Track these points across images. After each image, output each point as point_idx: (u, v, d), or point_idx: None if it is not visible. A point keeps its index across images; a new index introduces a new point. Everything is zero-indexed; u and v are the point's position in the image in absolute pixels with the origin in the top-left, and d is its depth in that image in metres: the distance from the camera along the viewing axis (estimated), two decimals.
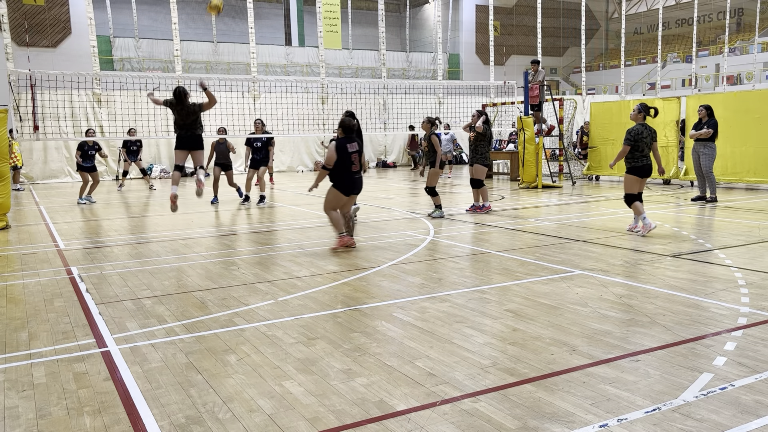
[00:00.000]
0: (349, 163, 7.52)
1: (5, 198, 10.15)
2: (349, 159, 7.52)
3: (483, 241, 8.18)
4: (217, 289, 5.82)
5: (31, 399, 3.45)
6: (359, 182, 7.74)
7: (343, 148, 7.51)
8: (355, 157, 7.56)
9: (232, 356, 4.03)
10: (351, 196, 7.72)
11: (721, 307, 4.84)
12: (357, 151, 7.61)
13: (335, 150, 7.46)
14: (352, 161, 7.54)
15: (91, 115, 21.46)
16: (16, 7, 28.60)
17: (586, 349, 3.98)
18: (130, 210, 12.69)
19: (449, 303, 5.16)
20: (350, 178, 7.59)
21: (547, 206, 11.82)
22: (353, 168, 7.56)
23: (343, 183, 7.58)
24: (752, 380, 3.43)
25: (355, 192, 7.74)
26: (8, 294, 5.85)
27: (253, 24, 22.44)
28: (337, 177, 7.57)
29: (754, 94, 14.53)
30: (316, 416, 3.14)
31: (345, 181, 7.57)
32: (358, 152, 7.63)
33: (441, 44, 27.26)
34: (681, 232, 8.35)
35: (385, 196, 14.38)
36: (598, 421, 3.01)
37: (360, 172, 7.70)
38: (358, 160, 7.62)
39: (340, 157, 7.48)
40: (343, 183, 7.58)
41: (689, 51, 37.60)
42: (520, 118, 15.19)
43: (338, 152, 7.48)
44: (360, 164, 7.68)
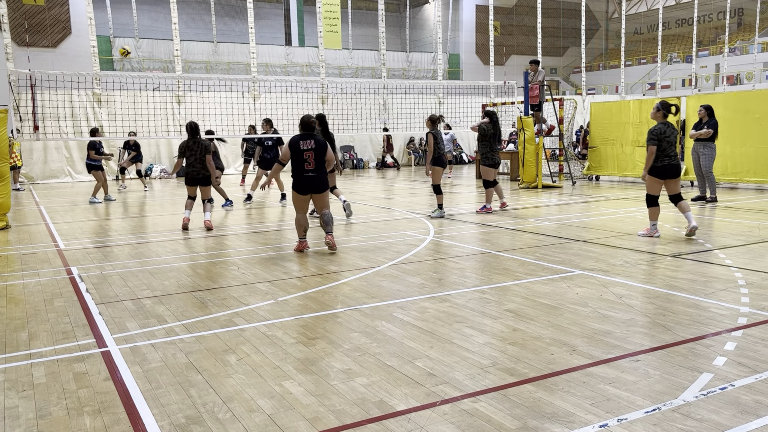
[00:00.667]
0: (302, 161, 7.36)
1: (5, 198, 10.15)
2: (302, 157, 7.35)
3: (483, 241, 8.18)
4: (217, 289, 5.83)
5: (31, 399, 3.45)
6: (311, 181, 7.46)
7: (295, 145, 7.36)
8: (309, 155, 7.36)
9: (232, 356, 4.03)
10: (311, 195, 7.53)
11: (721, 307, 4.84)
12: (311, 149, 7.37)
13: (288, 146, 7.41)
14: (305, 159, 7.35)
15: (91, 115, 21.46)
16: (16, 7, 28.60)
17: (586, 349, 3.98)
18: (129, 210, 12.69)
19: (449, 303, 5.16)
20: (300, 176, 7.43)
21: (547, 206, 11.82)
22: (306, 167, 7.38)
23: (295, 181, 7.49)
24: (752, 380, 3.43)
25: (313, 191, 7.50)
26: (8, 294, 5.85)
27: (253, 24, 22.45)
28: (293, 176, 7.49)
29: (754, 94, 14.54)
30: (316, 416, 3.14)
31: (297, 180, 7.47)
32: (313, 150, 7.37)
33: (441, 44, 27.26)
34: (681, 232, 8.35)
35: (385, 196, 14.38)
36: (598, 421, 3.01)
37: (316, 171, 7.42)
38: (314, 159, 7.38)
39: (293, 154, 7.38)
40: (295, 181, 7.49)
41: (689, 51, 37.61)
42: (520, 118, 15.19)
43: (291, 149, 7.39)
44: (318, 163, 7.41)
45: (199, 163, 9.66)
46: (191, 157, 9.65)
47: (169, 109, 21.78)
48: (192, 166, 9.68)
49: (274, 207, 12.76)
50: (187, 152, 9.66)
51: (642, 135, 15.51)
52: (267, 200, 14.03)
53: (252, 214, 11.67)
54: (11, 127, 16.67)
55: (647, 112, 15.36)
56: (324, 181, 7.55)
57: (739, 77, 35.70)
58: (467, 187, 16.30)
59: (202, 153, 9.65)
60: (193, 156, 9.63)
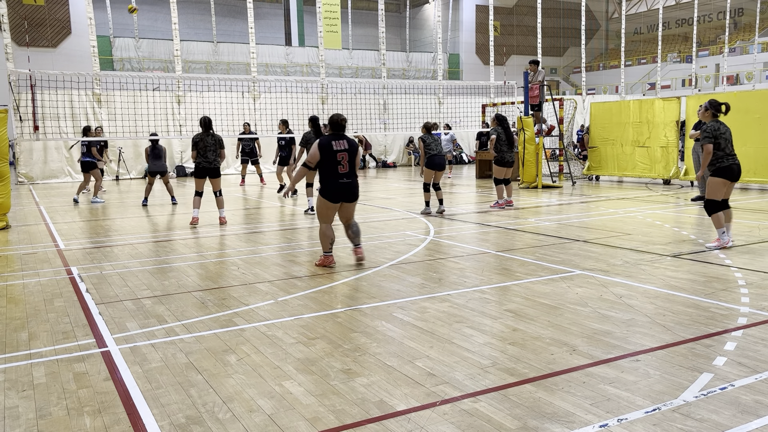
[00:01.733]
0: (335, 164, 6.46)
1: (5, 198, 10.15)
2: (335, 159, 6.45)
3: (483, 241, 8.18)
4: (217, 289, 5.82)
5: (31, 399, 3.45)
6: (347, 188, 6.55)
7: (327, 146, 6.45)
8: (342, 157, 6.47)
9: (232, 356, 4.03)
10: (342, 204, 6.65)
11: (721, 307, 4.84)
12: (345, 150, 6.51)
13: (318, 148, 6.46)
14: (339, 161, 6.46)
15: (91, 115, 21.45)
16: (16, 7, 28.60)
17: (586, 349, 3.98)
18: (129, 210, 12.69)
19: (449, 303, 5.16)
20: (335, 182, 6.48)
21: (547, 206, 11.82)
22: (340, 170, 6.47)
23: (327, 188, 6.52)
24: (752, 380, 3.43)
25: (346, 199, 6.61)
26: (8, 294, 5.85)
27: (253, 24, 22.43)
28: (322, 181, 6.56)
29: (754, 94, 14.53)
30: (316, 416, 3.14)
31: (330, 186, 6.50)
32: (347, 152, 6.52)
33: (441, 44, 27.25)
34: (681, 232, 8.35)
35: (385, 196, 14.38)
36: (598, 421, 3.01)
37: (351, 176, 6.57)
38: (347, 162, 6.52)
39: (324, 157, 6.45)
40: (327, 188, 6.52)
41: (689, 51, 37.60)
42: (520, 118, 15.19)
43: (322, 151, 6.44)
44: (351, 167, 6.56)
45: (212, 153, 9.90)
46: (204, 148, 9.86)
47: (169, 109, 21.77)
48: (204, 157, 9.87)
49: (274, 207, 12.76)
50: (201, 144, 9.85)
51: (642, 135, 15.52)
52: (267, 200, 14.03)
53: (252, 214, 11.67)
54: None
55: (647, 112, 15.37)
56: (358, 187, 6.72)
57: (739, 77, 35.70)
58: (467, 187, 16.30)
59: (216, 146, 9.93)
60: (206, 147, 9.87)
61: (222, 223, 10.02)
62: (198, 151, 9.90)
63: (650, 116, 15.29)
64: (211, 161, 9.92)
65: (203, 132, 9.92)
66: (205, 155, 9.89)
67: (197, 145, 9.89)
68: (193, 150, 9.96)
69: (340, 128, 6.64)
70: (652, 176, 15.47)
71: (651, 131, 15.29)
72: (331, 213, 6.66)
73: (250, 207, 12.76)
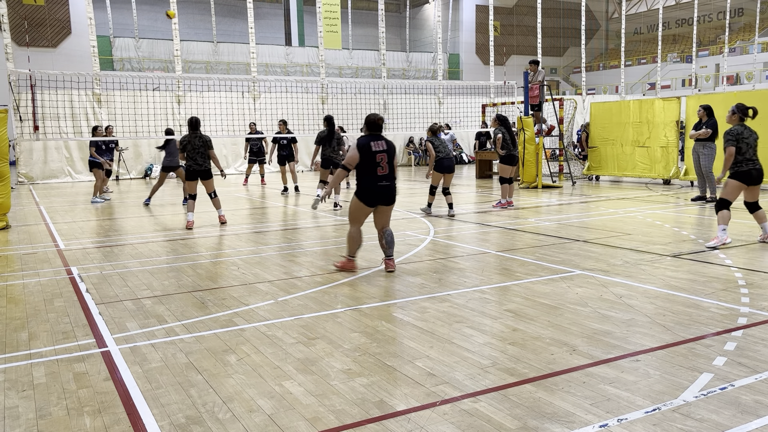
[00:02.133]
0: (374, 165, 6.20)
1: (5, 198, 10.15)
2: (374, 160, 6.19)
3: (483, 241, 8.17)
4: (217, 289, 5.83)
5: (31, 399, 3.45)
6: (386, 191, 6.29)
7: (366, 146, 6.21)
8: (381, 158, 6.23)
9: (232, 356, 4.03)
10: (378, 207, 6.37)
11: (721, 307, 4.84)
12: (384, 150, 6.27)
13: (357, 149, 6.23)
14: (378, 162, 6.20)
15: (91, 115, 21.45)
16: (16, 7, 28.60)
17: (586, 349, 3.98)
18: (129, 210, 12.69)
19: (449, 303, 5.17)
20: (374, 184, 6.23)
21: (547, 206, 11.82)
22: (379, 172, 6.22)
23: (364, 190, 6.27)
24: (752, 380, 3.43)
25: (383, 202, 6.33)
26: (8, 294, 5.85)
27: (253, 24, 22.44)
28: (360, 183, 6.32)
29: (754, 94, 14.53)
30: (316, 416, 3.14)
31: (367, 188, 6.25)
32: (385, 152, 6.28)
33: (441, 44, 27.26)
34: (681, 232, 8.35)
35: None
36: (598, 421, 3.01)
37: (390, 178, 6.31)
38: (387, 163, 6.27)
39: (363, 158, 6.20)
40: (364, 190, 6.27)
41: (689, 51, 37.61)
42: (520, 118, 15.19)
43: (361, 151, 6.20)
44: (390, 168, 6.31)
45: (201, 156, 9.70)
46: (192, 151, 9.68)
47: (169, 109, 21.78)
48: (193, 160, 9.69)
49: (274, 207, 12.76)
50: (189, 146, 9.69)
51: (642, 135, 15.52)
52: (267, 200, 14.03)
53: (253, 214, 11.67)
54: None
55: (647, 112, 15.38)
56: (396, 190, 6.47)
57: (739, 77, 35.70)
58: (467, 187, 16.30)
59: (203, 147, 9.69)
60: (195, 150, 9.67)
61: (222, 222, 9.98)
62: (187, 154, 9.71)
63: (650, 116, 15.30)
64: (200, 164, 9.73)
65: (190, 133, 9.73)
66: (194, 158, 9.70)
67: (185, 148, 9.72)
68: (180, 152, 9.79)
69: (378, 128, 6.41)
70: (652, 176, 15.47)
71: (651, 131, 15.29)
72: (364, 216, 6.41)
73: (250, 207, 12.76)
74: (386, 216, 6.45)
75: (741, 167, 7.22)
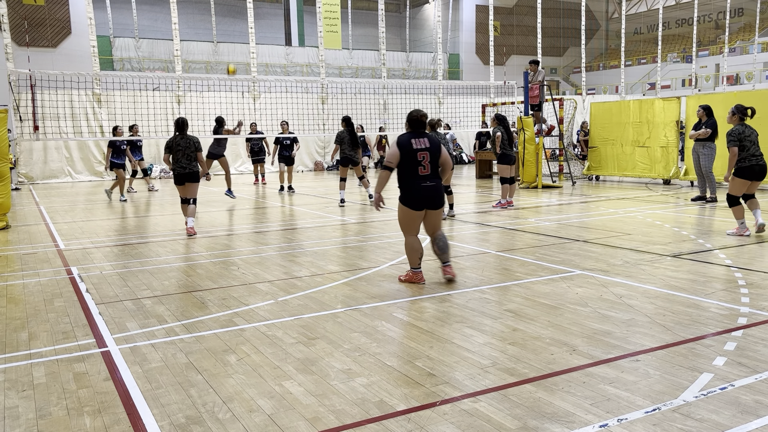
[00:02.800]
0: (416, 164, 5.70)
1: (5, 198, 10.15)
2: (415, 158, 5.70)
3: (483, 241, 8.17)
4: (217, 289, 5.82)
5: (31, 399, 3.45)
6: (430, 192, 5.74)
7: (406, 143, 5.71)
8: (423, 156, 5.71)
9: (232, 356, 4.03)
10: (426, 211, 5.84)
11: (721, 307, 4.84)
12: (426, 149, 5.74)
13: (397, 146, 5.74)
14: (420, 161, 5.70)
15: (91, 115, 21.46)
16: (16, 7, 28.60)
17: (586, 349, 3.98)
18: (129, 210, 12.69)
19: (449, 303, 5.17)
20: (416, 186, 5.71)
21: (547, 206, 11.82)
22: (421, 172, 5.70)
23: (408, 194, 5.78)
24: (752, 380, 3.43)
25: (430, 205, 5.79)
26: (8, 294, 5.85)
27: (253, 24, 22.44)
28: (402, 186, 5.81)
29: (754, 94, 14.53)
30: (316, 416, 3.14)
31: (410, 191, 5.76)
32: (428, 151, 5.75)
33: (441, 44, 27.26)
34: (681, 232, 8.35)
35: (385, 196, 14.37)
36: (598, 421, 3.01)
37: (433, 178, 5.78)
38: (429, 162, 5.74)
39: (404, 156, 5.71)
40: (408, 194, 5.78)
41: (689, 51, 37.61)
42: (520, 118, 15.19)
43: (400, 149, 5.70)
44: (433, 168, 5.78)
45: (186, 159, 9.11)
46: (178, 153, 9.12)
47: (169, 109, 21.78)
48: (179, 162, 9.14)
49: (273, 207, 12.76)
50: (174, 148, 9.15)
51: (642, 135, 15.52)
52: (267, 200, 14.03)
53: (253, 214, 11.67)
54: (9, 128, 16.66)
55: (647, 112, 15.38)
56: (443, 191, 5.94)
57: (739, 77, 35.70)
58: (467, 187, 16.30)
59: (190, 149, 9.13)
60: (181, 152, 9.11)
61: (189, 234, 9.04)
62: (172, 156, 9.17)
63: (650, 116, 15.30)
64: (185, 166, 9.10)
65: (176, 135, 9.16)
66: (178, 160, 9.11)
67: (170, 149, 9.18)
68: (166, 153, 9.24)
69: (421, 125, 5.87)
70: (652, 176, 15.47)
71: (651, 131, 15.29)
72: (416, 223, 5.88)
73: (250, 207, 12.76)
74: (435, 220, 5.93)
75: (744, 163, 7.63)
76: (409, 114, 5.94)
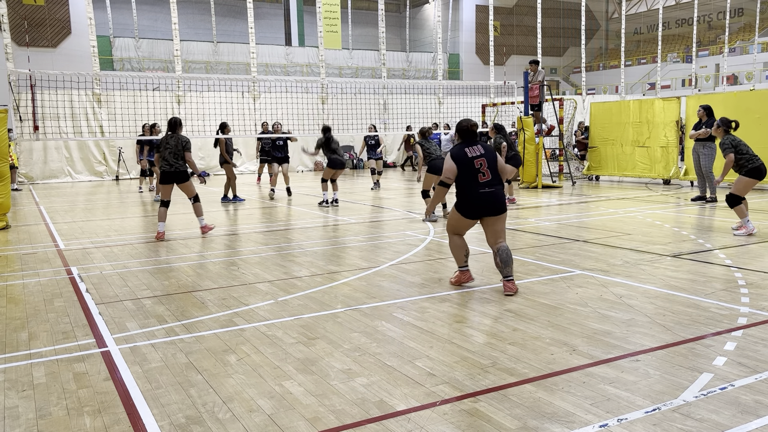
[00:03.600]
0: (474, 172, 5.48)
1: (5, 198, 10.15)
2: (472, 166, 5.48)
3: (483, 241, 8.16)
4: (217, 289, 5.82)
5: (31, 399, 3.45)
6: (490, 198, 5.46)
7: (460, 154, 5.54)
8: (480, 162, 5.49)
9: (232, 356, 4.03)
10: (483, 219, 5.57)
11: (721, 307, 4.84)
12: (482, 155, 5.52)
13: (452, 159, 5.55)
14: (478, 168, 5.47)
15: (90, 115, 21.46)
16: (16, 7, 28.59)
17: (586, 349, 3.98)
18: (130, 210, 12.69)
19: (449, 303, 5.16)
20: (475, 192, 5.46)
21: (547, 206, 11.82)
22: (481, 179, 5.46)
23: (464, 201, 5.56)
24: (752, 380, 3.43)
25: (488, 212, 5.49)
26: (8, 294, 5.85)
27: (253, 24, 22.42)
28: (459, 195, 5.62)
29: (754, 94, 14.53)
30: (316, 416, 3.14)
31: (467, 198, 5.53)
32: (484, 157, 5.52)
33: (441, 44, 27.25)
34: (681, 232, 8.35)
35: (386, 196, 14.38)
36: (598, 421, 3.01)
37: (494, 183, 5.51)
38: (488, 168, 5.50)
39: (461, 167, 5.50)
40: (464, 201, 5.56)
41: (689, 51, 37.61)
42: (520, 118, 15.19)
43: (456, 161, 5.51)
44: (493, 173, 5.52)
45: (173, 157, 8.82)
46: (165, 151, 8.88)
47: (169, 109, 21.75)
48: (164, 160, 8.87)
49: (274, 207, 12.76)
50: (162, 146, 8.95)
51: (642, 135, 15.53)
52: (267, 199, 14.03)
53: (253, 215, 11.66)
54: (10, 128, 16.67)
55: (647, 112, 15.38)
56: (504, 197, 5.64)
57: (739, 77, 35.70)
58: None
59: (178, 148, 8.84)
60: (168, 150, 8.86)
61: (204, 232, 9.07)
62: (161, 155, 8.96)
63: (650, 116, 15.30)
64: (171, 164, 8.81)
65: (167, 134, 8.99)
66: (165, 158, 8.87)
67: (158, 148, 8.98)
68: (156, 152, 9.10)
69: (472, 135, 5.66)
70: (652, 176, 15.47)
71: (651, 131, 15.30)
72: (465, 228, 5.70)
73: (250, 207, 12.76)
74: (498, 227, 5.57)
75: (752, 163, 7.85)
76: (459, 124, 5.73)
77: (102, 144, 21.78)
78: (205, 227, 9.13)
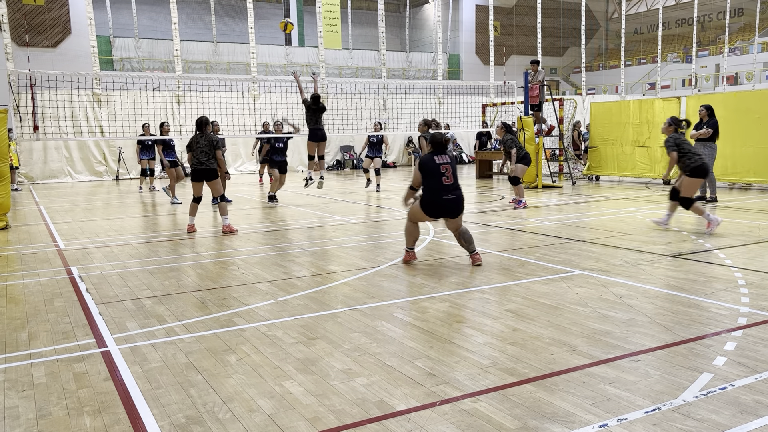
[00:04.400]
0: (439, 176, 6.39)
1: (5, 198, 10.15)
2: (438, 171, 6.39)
3: (483, 241, 8.17)
4: (217, 289, 5.82)
5: (31, 399, 3.45)
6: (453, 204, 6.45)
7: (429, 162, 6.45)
8: (446, 168, 6.41)
9: (232, 356, 4.03)
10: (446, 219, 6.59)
11: (721, 307, 4.84)
12: (447, 162, 6.46)
13: (419, 168, 6.50)
14: (443, 173, 6.39)
15: (90, 115, 21.46)
16: (16, 7, 28.60)
17: (586, 349, 3.98)
18: (130, 210, 12.69)
19: (449, 303, 5.16)
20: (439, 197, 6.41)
21: (547, 206, 11.82)
22: (444, 181, 6.39)
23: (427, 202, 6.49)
24: (752, 380, 3.43)
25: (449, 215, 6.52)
26: (8, 294, 5.85)
27: (253, 24, 22.44)
28: (425, 194, 6.52)
29: (754, 94, 14.54)
30: (316, 416, 3.14)
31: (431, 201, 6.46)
32: (449, 164, 6.47)
33: (441, 44, 27.26)
34: (681, 232, 8.35)
35: (386, 196, 14.37)
36: (598, 421, 3.01)
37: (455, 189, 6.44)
38: (452, 174, 6.44)
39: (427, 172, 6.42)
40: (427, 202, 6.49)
41: (689, 51, 37.61)
42: (520, 118, 15.19)
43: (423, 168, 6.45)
44: (455, 178, 6.48)
45: (204, 155, 9.27)
46: (196, 150, 9.33)
47: (169, 109, 21.78)
48: (196, 159, 9.31)
49: (273, 207, 12.76)
50: (193, 146, 9.38)
51: (642, 135, 15.53)
52: (266, 199, 14.03)
53: (253, 215, 11.67)
54: (9, 127, 16.67)
55: (647, 112, 15.38)
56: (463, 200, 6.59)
57: (739, 77, 35.70)
58: (467, 187, 16.31)
59: (209, 147, 9.30)
60: (199, 148, 9.30)
61: (225, 233, 9.23)
62: (192, 154, 9.37)
63: (650, 116, 15.30)
64: (202, 162, 9.25)
65: (196, 133, 9.43)
66: (196, 157, 9.31)
67: (190, 147, 9.44)
68: (188, 152, 9.47)
69: (443, 147, 6.57)
70: (652, 176, 15.47)
71: (651, 131, 15.29)
72: (422, 220, 6.69)
73: (250, 207, 12.76)
74: (457, 222, 6.60)
75: (694, 162, 8.05)
76: (433, 136, 6.61)
77: (102, 144, 21.78)
78: (228, 227, 9.32)
